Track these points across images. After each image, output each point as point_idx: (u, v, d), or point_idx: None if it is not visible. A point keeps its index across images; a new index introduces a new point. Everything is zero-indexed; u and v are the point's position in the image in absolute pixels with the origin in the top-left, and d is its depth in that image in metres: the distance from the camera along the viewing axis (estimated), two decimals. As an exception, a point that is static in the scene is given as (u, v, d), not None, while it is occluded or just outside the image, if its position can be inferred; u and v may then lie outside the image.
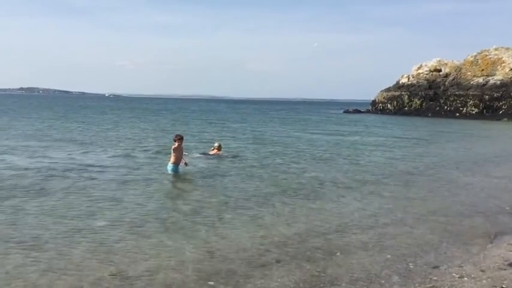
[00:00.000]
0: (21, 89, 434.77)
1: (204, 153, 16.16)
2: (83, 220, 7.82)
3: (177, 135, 12.74)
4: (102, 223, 7.65)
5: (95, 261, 5.91)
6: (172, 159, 12.40)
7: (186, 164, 12.68)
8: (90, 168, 13.23)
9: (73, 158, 15.30)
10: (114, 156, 16.05)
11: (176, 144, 12.35)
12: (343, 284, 5.43)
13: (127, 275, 5.50)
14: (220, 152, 16.00)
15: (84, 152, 16.80)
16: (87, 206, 8.79)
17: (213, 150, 16.07)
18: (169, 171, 12.42)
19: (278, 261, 6.07)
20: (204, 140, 22.50)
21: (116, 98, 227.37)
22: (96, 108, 70.14)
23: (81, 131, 26.99)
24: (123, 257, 6.08)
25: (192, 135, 24.80)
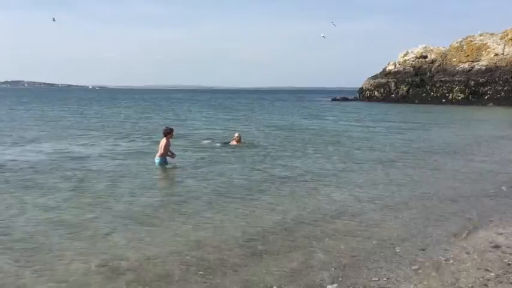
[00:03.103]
0: (6, 82, 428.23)
1: (224, 143, 16.64)
2: (71, 212, 7.78)
3: (166, 128, 12.65)
4: (90, 215, 7.62)
5: (83, 253, 5.89)
6: (160, 151, 12.26)
7: (173, 154, 12.51)
8: (78, 160, 13.20)
9: (62, 150, 15.22)
10: (104, 147, 15.97)
11: (166, 137, 12.28)
12: (332, 269, 5.49)
13: (115, 266, 5.49)
14: (240, 143, 16.46)
15: (70, 144, 16.66)
16: (76, 198, 8.76)
17: (233, 140, 16.53)
18: (157, 164, 12.31)
19: (266, 250, 6.10)
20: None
21: (102, 90, 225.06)
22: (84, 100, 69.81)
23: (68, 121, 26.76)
24: (111, 249, 6.07)
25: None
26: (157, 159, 12.37)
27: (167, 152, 12.36)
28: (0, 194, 9.06)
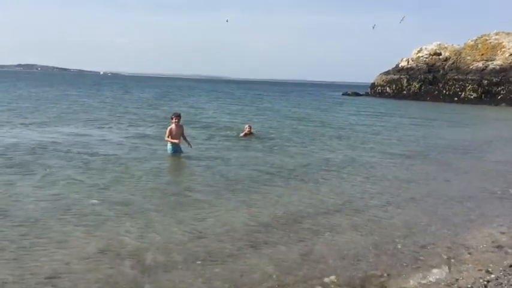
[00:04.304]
0: (19, 65, 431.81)
1: (237, 135, 16.81)
2: (74, 197, 7.83)
3: (174, 114, 12.60)
4: (93, 201, 7.66)
5: (84, 239, 5.93)
6: (170, 138, 12.14)
7: (189, 144, 12.38)
8: (87, 145, 13.31)
9: (74, 134, 15.37)
10: (115, 134, 16.08)
11: (174, 122, 12.24)
12: (330, 261, 5.49)
13: (115, 253, 5.52)
14: (251, 134, 16.67)
15: (82, 128, 16.78)
16: (79, 182, 8.83)
17: (244, 132, 16.74)
18: (169, 151, 12.23)
19: (267, 241, 6.10)
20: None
21: (114, 76, 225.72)
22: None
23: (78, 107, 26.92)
24: (112, 236, 6.10)
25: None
26: (169, 147, 12.26)
27: (178, 138, 12.17)
28: (1, 176, 9.14)
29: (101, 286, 4.68)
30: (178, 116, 12.36)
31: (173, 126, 12.15)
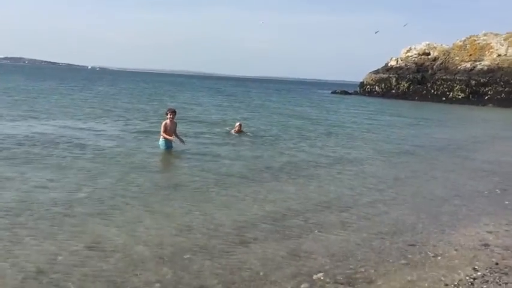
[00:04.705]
0: (6, 58, 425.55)
1: (228, 132, 16.88)
2: (62, 191, 7.75)
3: (169, 109, 12.53)
4: (81, 195, 7.59)
5: (71, 233, 5.87)
6: (163, 134, 12.06)
7: (182, 141, 12.30)
8: (76, 138, 13.21)
9: (62, 127, 15.23)
10: (106, 128, 15.95)
11: (168, 118, 12.15)
12: (319, 258, 5.49)
13: (103, 248, 5.47)
14: (241, 131, 16.73)
15: (70, 122, 16.60)
16: (68, 177, 8.73)
17: (234, 129, 16.82)
18: (161, 147, 12.14)
19: (255, 238, 6.09)
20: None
21: (102, 71, 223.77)
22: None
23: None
24: (100, 230, 6.04)
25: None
26: (161, 142, 12.16)
27: (171, 134, 12.08)
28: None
29: (88, 281, 4.63)
30: (173, 112, 12.31)
31: (168, 121, 12.09)
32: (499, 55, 58.27)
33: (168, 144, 12.13)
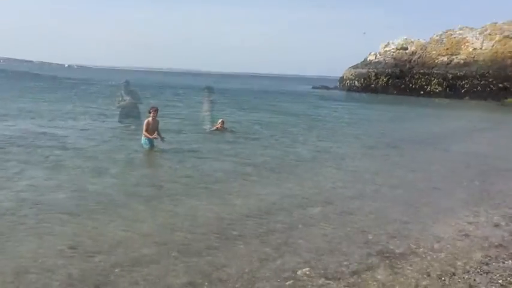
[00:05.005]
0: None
1: (211, 129, 16.79)
2: (45, 192, 7.64)
3: (152, 107, 12.43)
4: (62, 195, 7.49)
5: (55, 234, 5.79)
6: (146, 132, 11.93)
7: (162, 138, 12.16)
8: (55, 138, 13.02)
9: (42, 126, 14.98)
10: (86, 128, 15.73)
11: (151, 116, 12.06)
12: (304, 253, 5.53)
13: (87, 248, 5.41)
14: (223, 128, 16.75)
15: (49, 121, 16.31)
16: (48, 178, 8.60)
17: (217, 125, 16.82)
18: (144, 146, 12.03)
19: (240, 235, 6.09)
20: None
21: (81, 69, 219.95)
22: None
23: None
24: (84, 231, 5.98)
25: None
26: (143, 141, 12.05)
27: (153, 132, 11.96)
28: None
29: (72, 282, 4.58)
30: (156, 110, 12.23)
31: (150, 119, 12.00)
32: (475, 49, 59.30)
33: (151, 142, 12.03)
